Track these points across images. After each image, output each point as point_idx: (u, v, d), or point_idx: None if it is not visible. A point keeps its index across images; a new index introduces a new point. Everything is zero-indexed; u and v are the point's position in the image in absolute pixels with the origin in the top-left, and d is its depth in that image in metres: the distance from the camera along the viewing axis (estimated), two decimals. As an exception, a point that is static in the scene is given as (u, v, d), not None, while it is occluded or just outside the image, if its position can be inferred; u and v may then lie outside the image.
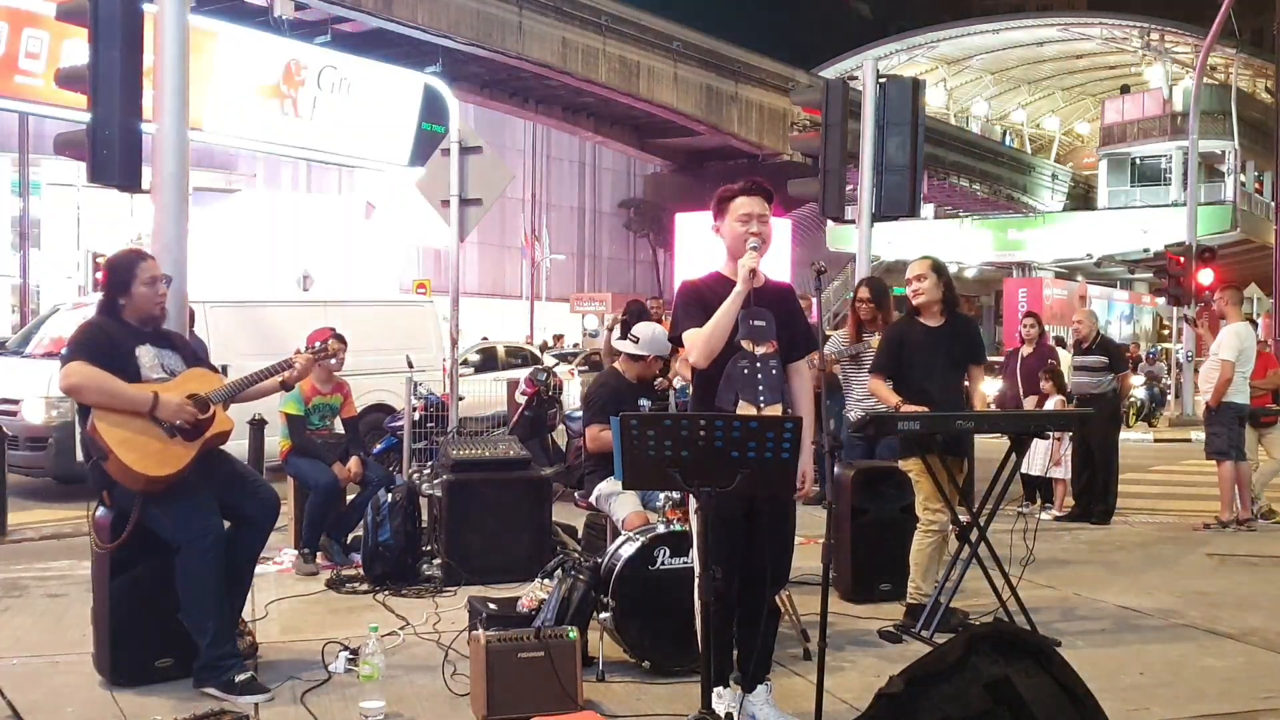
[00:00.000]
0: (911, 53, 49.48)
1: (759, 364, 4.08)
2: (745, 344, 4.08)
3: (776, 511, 4.13)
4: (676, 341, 4.27)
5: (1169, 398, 22.88)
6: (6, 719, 4.12)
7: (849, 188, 10.31)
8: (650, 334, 5.97)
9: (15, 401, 10.39)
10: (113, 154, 6.33)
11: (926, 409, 5.52)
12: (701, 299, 4.14)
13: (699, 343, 4.06)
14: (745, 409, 4.00)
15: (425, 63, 29.73)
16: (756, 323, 4.10)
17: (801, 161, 14.77)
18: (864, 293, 7.41)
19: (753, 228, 4.13)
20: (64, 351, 4.64)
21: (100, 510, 4.71)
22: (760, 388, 4.05)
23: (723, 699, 4.01)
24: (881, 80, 9.76)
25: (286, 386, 5.14)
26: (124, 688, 4.55)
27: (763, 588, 4.07)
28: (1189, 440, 17.38)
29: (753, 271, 4.03)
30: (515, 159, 40.31)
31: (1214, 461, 9.15)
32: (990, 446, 6.01)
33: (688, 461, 3.63)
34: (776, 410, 4.04)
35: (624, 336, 6.25)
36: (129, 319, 4.68)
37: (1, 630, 5.53)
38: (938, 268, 5.86)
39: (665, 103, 38.48)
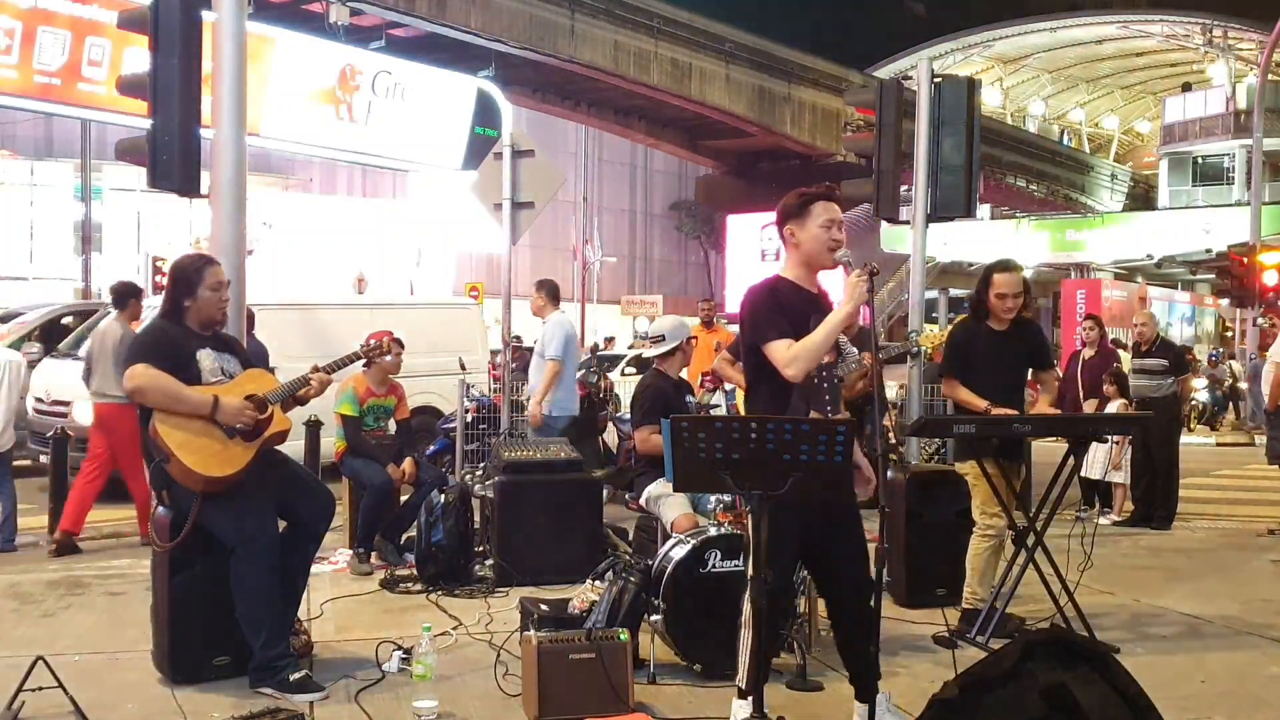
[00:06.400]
0: (967, 52, 49.03)
1: (824, 373, 4.00)
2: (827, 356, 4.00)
3: (850, 519, 4.04)
4: (755, 349, 4.02)
5: (1234, 400, 22.41)
6: (69, 715, 4.19)
7: (903, 188, 10.20)
8: (672, 325, 6.00)
9: (66, 403, 10.51)
10: (172, 159, 6.44)
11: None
12: (782, 307, 3.99)
13: (801, 361, 3.89)
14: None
15: (478, 67, 29.88)
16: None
17: (855, 162, 14.68)
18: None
19: (835, 234, 3.99)
20: (127, 354, 4.71)
21: (160, 510, 4.78)
22: (827, 398, 3.97)
23: (743, 708, 3.88)
24: (936, 80, 9.64)
25: (301, 401, 4.95)
26: (183, 685, 4.63)
27: (865, 598, 4.00)
28: (1253, 444, 17.02)
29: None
30: (566, 162, 40.37)
31: (1276, 466, 8.94)
32: (1050, 450, 5.92)
33: (739, 464, 3.61)
34: None
35: None
36: (191, 323, 4.74)
37: (63, 627, 5.64)
38: (1026, 281, 5.76)
39: (717, 104, 38.34)
